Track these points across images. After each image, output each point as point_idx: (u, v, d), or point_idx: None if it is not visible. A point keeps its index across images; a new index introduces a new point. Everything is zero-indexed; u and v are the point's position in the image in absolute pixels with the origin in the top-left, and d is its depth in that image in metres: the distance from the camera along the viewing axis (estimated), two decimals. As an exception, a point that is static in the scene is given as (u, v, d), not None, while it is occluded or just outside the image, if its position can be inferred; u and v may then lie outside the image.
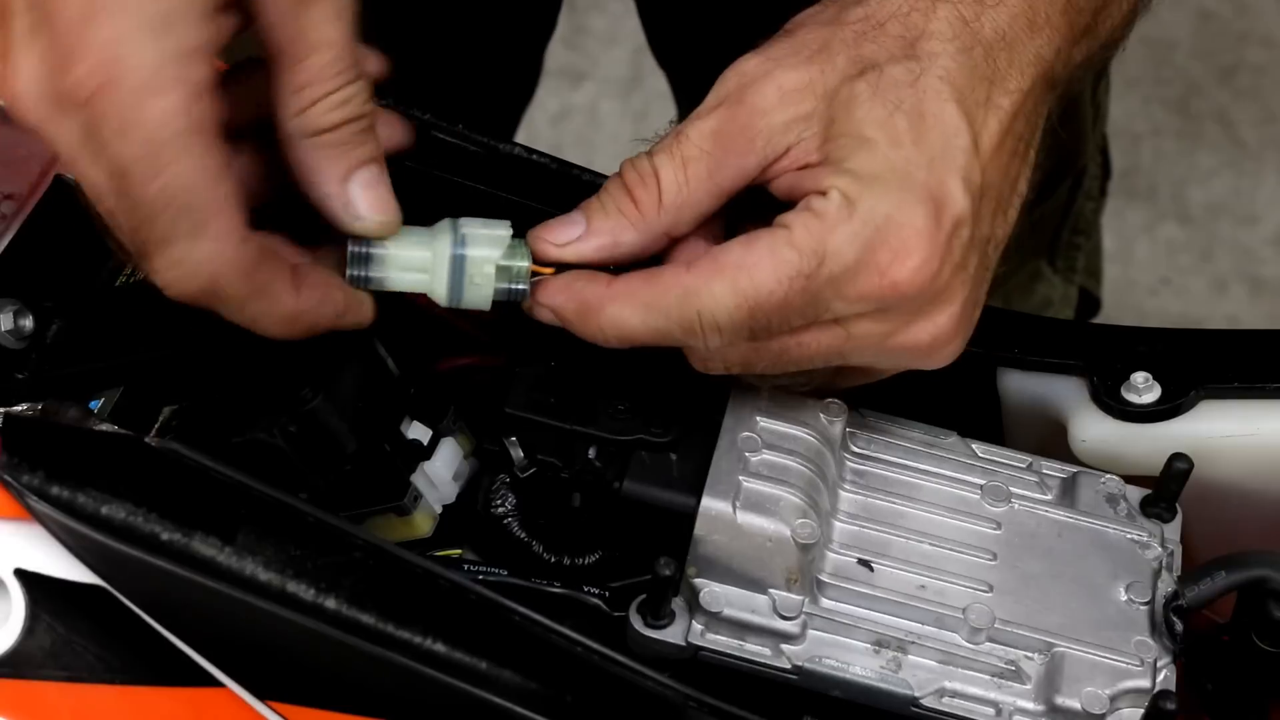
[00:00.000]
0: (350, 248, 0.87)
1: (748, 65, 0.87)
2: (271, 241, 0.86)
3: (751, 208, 0.88)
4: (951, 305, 0.86)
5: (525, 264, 0.87)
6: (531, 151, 1.01)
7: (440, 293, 0.87)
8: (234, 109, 0.85)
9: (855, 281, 0.84)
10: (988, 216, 0.87)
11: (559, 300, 0.87)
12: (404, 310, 0.93)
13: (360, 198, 0.85)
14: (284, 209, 0.88)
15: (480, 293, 0.87)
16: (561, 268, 0.87)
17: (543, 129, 2.59)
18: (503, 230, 0.88)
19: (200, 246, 0.82)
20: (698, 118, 0.87)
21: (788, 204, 0.86)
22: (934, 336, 0.87)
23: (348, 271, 0.87)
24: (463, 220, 0.88)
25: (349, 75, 0.84)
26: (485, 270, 0.87)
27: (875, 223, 0.83)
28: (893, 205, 0.83)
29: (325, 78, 0.84)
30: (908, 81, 0.85)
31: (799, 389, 0.92)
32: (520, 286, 0.87)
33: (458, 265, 0.87)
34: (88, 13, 0.80)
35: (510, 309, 0.89)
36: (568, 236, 0.87)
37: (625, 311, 0.85)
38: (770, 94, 0.85)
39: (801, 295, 0.84)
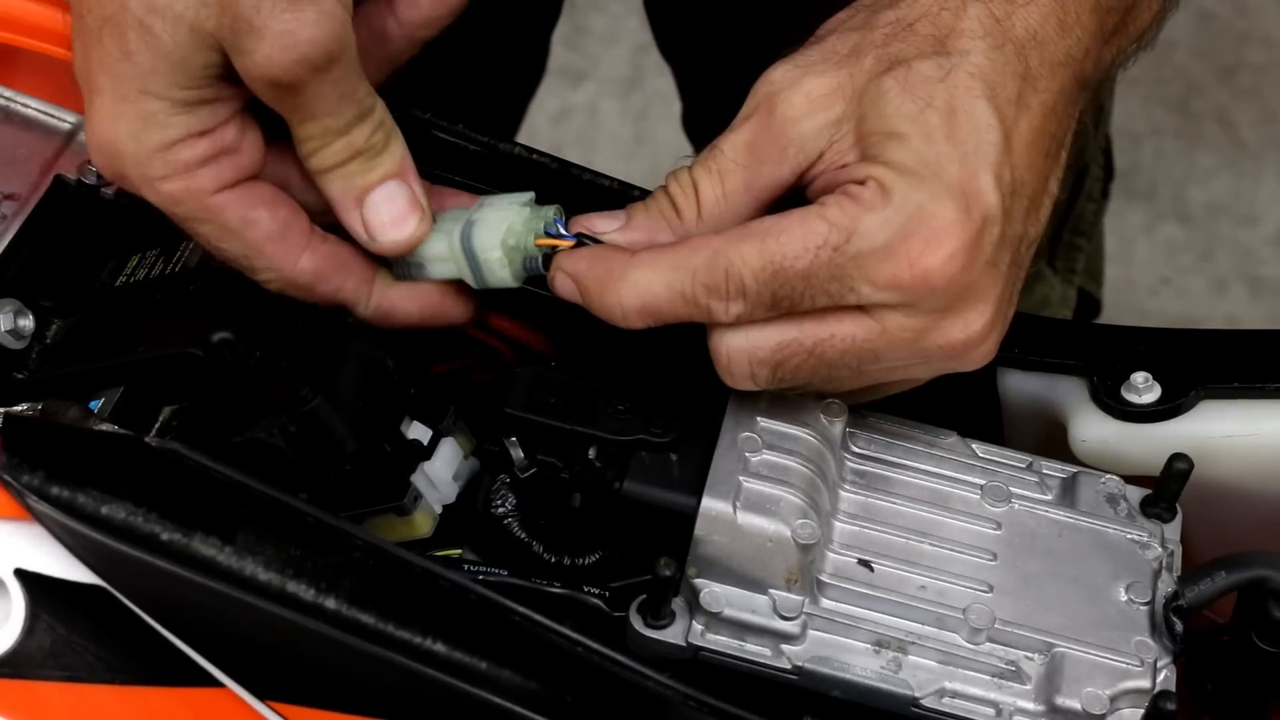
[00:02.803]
0: None
1: (776, 74, 0.87)
2: None
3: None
4: (983, 303, 0.86)
5: (537, 236, 0.89)
6: (531, 151, 1.01)
7: (469, 279, 0.90)
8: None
9: (883, 266, 0.84)
10: (1019, 215, 0.87)
11: (581, 266, 0.87)
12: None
13: (372, 218, 0.90)
14: None
15: (498, 275, 0.89)
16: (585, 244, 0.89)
17: (543, 129, 2.58)
18: (515, 209, 0.89)
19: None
20: (731, 131, 0.88)
21: None
22: (967, 335, 0.86)
23: (394, 270, 0.92)
24: (482, 203, 0.91)
25: (349, 115, 0.88)
26: (492, 256, 0.89)
27: (908, 211, 0.84)
28: (925, 196, 0.84)
29: (326, 132, 0.88)
30: (938, 77, 0.85)
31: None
32: (540, 263, 0.89)
33: (471, 256, 0.89)
34: (90, 109, 0.88)
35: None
36: (606, 227, 0.89)
37: (649, 274, 0.86)
38: (799, 102, 0.86)
39: (827, 267, 0.84)
